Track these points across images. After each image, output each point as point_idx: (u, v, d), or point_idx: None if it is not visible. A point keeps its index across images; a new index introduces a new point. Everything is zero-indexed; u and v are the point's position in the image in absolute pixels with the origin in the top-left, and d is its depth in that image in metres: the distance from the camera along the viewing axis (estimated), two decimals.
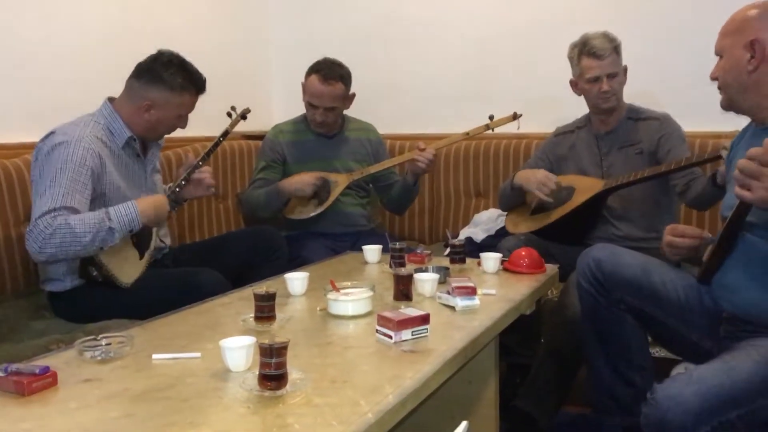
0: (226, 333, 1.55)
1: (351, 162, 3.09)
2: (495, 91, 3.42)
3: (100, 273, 2.11)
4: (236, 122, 2.62)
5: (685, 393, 1.43)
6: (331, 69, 2.92)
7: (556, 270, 2.33)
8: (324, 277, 2.06)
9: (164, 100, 2.25)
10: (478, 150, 3.35)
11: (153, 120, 2.27)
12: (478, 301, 1.84)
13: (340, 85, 2.92)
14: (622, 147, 2.65)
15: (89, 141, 2.14)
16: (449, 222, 3.39)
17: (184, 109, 2.31)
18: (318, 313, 1.83)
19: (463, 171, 3.39)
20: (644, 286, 1.93)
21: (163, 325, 1.77)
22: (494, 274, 2.25)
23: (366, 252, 2.47)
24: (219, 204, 3.26)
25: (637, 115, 2.68)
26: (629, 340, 2.00)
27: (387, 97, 3.65)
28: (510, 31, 3.42)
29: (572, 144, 2.77)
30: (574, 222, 2.60)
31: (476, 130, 2.91)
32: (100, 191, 2.17)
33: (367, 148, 3.15)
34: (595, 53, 2.57)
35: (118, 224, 2.08)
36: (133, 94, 2.26)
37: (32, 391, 1.30)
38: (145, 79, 2.24)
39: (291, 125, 3.13)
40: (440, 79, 3.59)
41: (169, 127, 2.34)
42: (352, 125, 3.16)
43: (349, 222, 3.06)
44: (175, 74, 2.24)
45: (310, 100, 2.95)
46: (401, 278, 1.90)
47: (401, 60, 3.67)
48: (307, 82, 2.94)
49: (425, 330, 1.59)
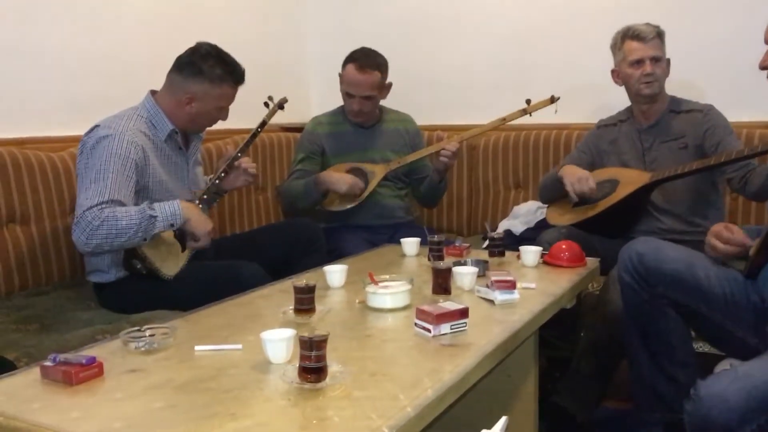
0: (267, 325, 1.57)
1: (389, 152, 3.09)
2: (534, 80, 3.39)
3: (143, 265, 2.16)
4: (273, 112, 2.64)
5: (729, 390, 1.41)
6: (368, 57, 2.92)
7: (597, 264, 2.30)
8: (362, 270, 2.07)
9: (204, 92, 2.28)
10: (518, 140, 3.33)
11: (194, 113, 2.30)
12: (518, 295, 1.83)
13: (376, 74, 2.93)
14: (666, 141, 2.60)
15: (133, 134, 2.18)
16: (488, 214, 3.38)
17: (224, 101, 2.33)
18: (357, 305, 1.84)
19: (502, 162, 3.37)
20: (688, 280, 1.90)
21: (204, 316, 1.80)
22: (534, 267, 2.23)
23: (404, 244, 2.48)
24: (258, 196, 3.30)
25: (679, 107, 2.63)
26: (672, 336, 1.98)
27: (425, 88, 3.65)
28: (550, 19, 3.38)
29: (614, 138, 2.73)
30: (617, 215, 2.57)
31: (513, 115, 2.89)
32: (144, 184, 2.22)
33: (404, 139, 3.15)
34: (638, 35, 2.54)
35: (161, 214, 2.12)
36: (174, 87, 2.29)
37: (79, 381, 1.34)
38: (185, 73, 2.27)
39: (329, 117, 3.15)
40: (478, 69, 3.57)
41: (210, 119, 2.37)
42: (389, 116, 3.17)
43: (387, 214, 3.07)
44: (214, 66, 2.27)
45: (348, 89, 2.96)
46: (440, 271, 1.90)
47: (439, 50, 3.65)
48: (344, 71, 2.96)
49: (464, 324, 1.59)
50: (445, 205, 3.45)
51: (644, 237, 2.14)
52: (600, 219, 2.58)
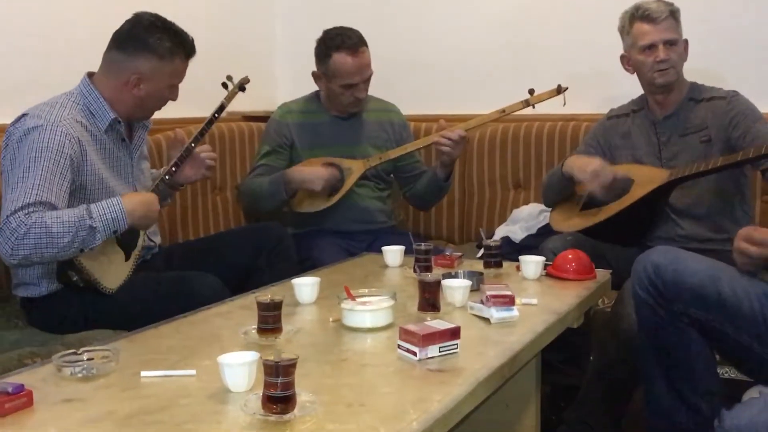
0: (225, 347, 1.57)
1: (370, 148, 3.10)
2: (538, 64, 3.41)
3: (80, 277, 2.14)
4: (234, 94, 2.64)
5: (759, 421, 1.43)
6: (350, 37, 2.93)
7: (609, 276, 2.32)
8: (337, 283, 2.08)
9: (154, 70, 2.27)
10: (518, 133, 3.34)
11: (143, 95, 2.29)
12: (517, 312, 1.85)
13: (367, 50, 2.95)
14: (685, 134, 2.62)
15: (67, 125, 2.17)
16: (483, 219, 3.39)
17: (176, 78, 2.33)
18: (330, 324, 1.85)
19: (500, 158, 3.38)
20: (712, 296, 1.92)
21: (152, 337, 1.79)
22: (536, 280, 2.25)
23: (386, 253, 2.49)
24: (216, 196, 3.29)
25: (700, 94, 2.65)
26: (693, 359, 2.00)
27: (409, 73, 3.66)
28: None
29: (627, 131, 2.75)
30: (632, 219, 2.59)
31: (514, 106, 2.89)
32: (80, 183, 2.20)
33: (388, 132, 3.16)
34: (649, 16, 2.55)
35: (101, 223, 2.09)
36: (115, 68, 2.28)
37: (5, 413, 1.32)
38: (128, 50, 2.26)
39: (301, 104, 3.14)
40: (473, 51, 3.58)
41: (159, 101, 2.36)
42: (371, 105, 3.16)
43: (366, 218, 3.08)
44: (162, 39, 2.26)
45: (347, 81, 2.93)
46: (427, 285, 1.90)
47: (427, 28, 3.67)
48: (333, 65, 2.92)
49: (455, 346, 1.60)
50: (433, 209, 3.45)
51: (662, 245, 2.16)
52: (611, 224, 2.60)
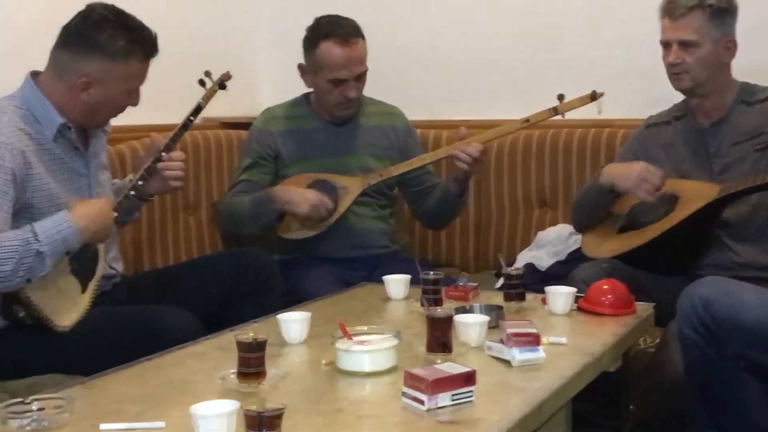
0: (199, 395, 1.57)
1: (369, 159, 3.11)
2: (566, 63, 3.43)
3: (27, 313, 2.14)
4: (213, 93, 2.63)
5: None
6: (342, 26, 2.95)
7: (651, 310, 2.32)
8: (331, 319, 2.07)
9: (104, 73, 2.27)
10: (543, 142, 3.35)
11: (93, 101, 2.30)
12: (543, 354, 1.84)
13: (361, 41, 2.97)
14: (738, 142, 2.63)
15: (7, 133, 2.18)
16: (502, 242, 3.39)
17: (132, 81, 2.34)
18: (323, 368, 1.84)
19: (522, 172, 3.39)
20: None
21: (114, 382, 1.79)
22: (565, 315, 2.25)
23: (388, 284, 2.49)
24: (188, 216, 3.29)
25: (753, 96, 2.65)
26: (750, 410, 1.99)
27: (416, 71, 3.67)
28: None
29: (668, 141, 2.76)
30: (677, 243, 2.60)
31: (539, 115, 2.90)
32: (26, 201, 2.20)
33: (391, 140, 3.16)
34: (669, 9, 2.59)
35: (49, 244, 2.10)
36: (62, 69, 2.29)
37: None
38: (74, 49, 2.27)
39: (287, 109, 3.16)
40: (491, 45, 3.59)
41: (115, 108, 2.37)
42: (370, 108, 3.17)
43: (364, 242, 3.08)
44: (115, 36, 2.26)
45: (335, 75, 2.94)
46: (437, 321, 1.90)
47: (436, 19, 3.68)
48: (319, 55, 2.94)
49: (470, 393, 1.60)
50: (444, 231, 3.44)
51: (712, 275, 2.16)
52: (654, 249, 2.60)
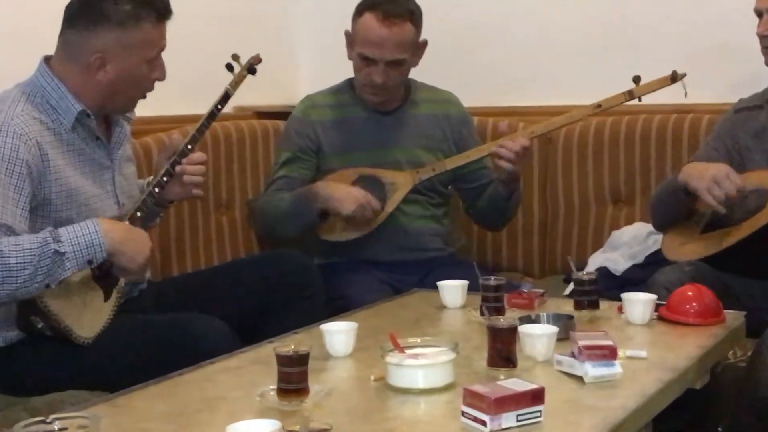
0: (236, 414, 1.57)
1: (419, 151, 3.11)
2: (643, 39, 3.42)
3: (46, 323, 2.15)
4: (241, 78, 2.63)
5: None
6: (396, 2, 2.93)
7: (742, 319, 2.30)
8: (380, 330, 2.08)
9: (117, 43, 2.28)
10: (617, 131, 3.34)
11: (111, 79, 2.31)
12: (620, 369, 1.83)
13: (408, 26, 2.94)
14: None
15: (21, 124, 2.20)
16: (572, 244, 3.39)
17: (149, 49, 2.34)
18: (372, 384, 1.84)
19: (594, 165, 3.38)
20: None
21: (141, 399, 1.80)
22: (645, 325, 2.24)
23: (443, 290, 2.48)
24: (221, 216, 3.31)
25: None
26: None
27: (473, 52, 3.68)
28: None
29: (761, 127, 2.75)
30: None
31: (612, 100, 2.90)
32: (44, 197, 2.22)
33: (444, 130, 3.16)
34: None
35: (71, 247, 2.11)
36: (72, 50, 2.31)
37: None
38: (81, 24, 2.28)
39: (329, 96, 3.17)
40: (558, 22, 3.59)
41: (138, 82, 2.37)
42: (421, 95, 3.18)
43: (416, 244, 3.08)
44: (119, 2, 2.27)
45: (364, 51, 2.95)
46: (499, 332, 1.89)
47: None
48: (358, 24, 2.96)
49: (538, 413, 1.59)
50: (505, 231, 3.44)
51: None
52: (743, 250, 2.58)
